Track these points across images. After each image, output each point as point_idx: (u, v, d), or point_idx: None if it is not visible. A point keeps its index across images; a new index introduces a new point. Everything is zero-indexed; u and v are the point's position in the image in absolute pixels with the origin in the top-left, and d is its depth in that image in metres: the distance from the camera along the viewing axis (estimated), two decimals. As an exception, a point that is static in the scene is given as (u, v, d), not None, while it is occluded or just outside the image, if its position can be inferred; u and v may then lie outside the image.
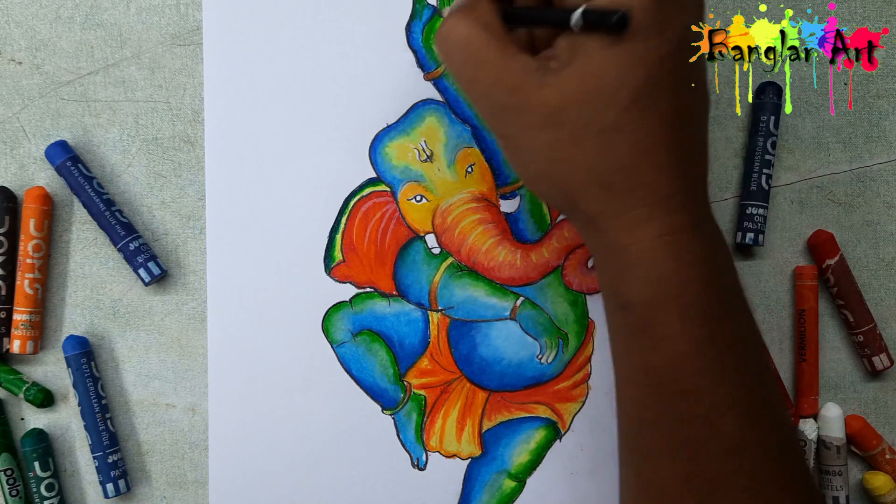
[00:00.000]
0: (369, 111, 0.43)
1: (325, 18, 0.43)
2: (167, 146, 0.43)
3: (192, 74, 0.43)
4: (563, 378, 0.43)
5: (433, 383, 0.43)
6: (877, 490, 0.43)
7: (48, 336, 0.43)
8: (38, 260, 0.42)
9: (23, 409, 0.43)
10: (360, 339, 0.43)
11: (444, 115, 0.43)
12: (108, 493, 0.42)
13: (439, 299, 0.43)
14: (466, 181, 0.43)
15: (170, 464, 0.43)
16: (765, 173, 0.43)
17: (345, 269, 0.43)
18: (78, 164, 0.42)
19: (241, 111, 0.43)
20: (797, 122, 0.44)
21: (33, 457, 0.41)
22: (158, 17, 0.43)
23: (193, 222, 0.43)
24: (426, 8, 0.43)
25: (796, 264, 0.44)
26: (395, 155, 0.43)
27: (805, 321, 0.43)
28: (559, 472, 0.43)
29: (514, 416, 0.43)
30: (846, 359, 0.45)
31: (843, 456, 0.43)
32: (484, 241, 0.43)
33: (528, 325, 0.43)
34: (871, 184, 0.45)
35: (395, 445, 0.43)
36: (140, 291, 0.43)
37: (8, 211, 0.42)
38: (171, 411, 0.43)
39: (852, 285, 0.43)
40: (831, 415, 0.43)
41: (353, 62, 0.43)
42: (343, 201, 0.43)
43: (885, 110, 0.44)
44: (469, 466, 0.43)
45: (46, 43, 0.43)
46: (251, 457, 0.43)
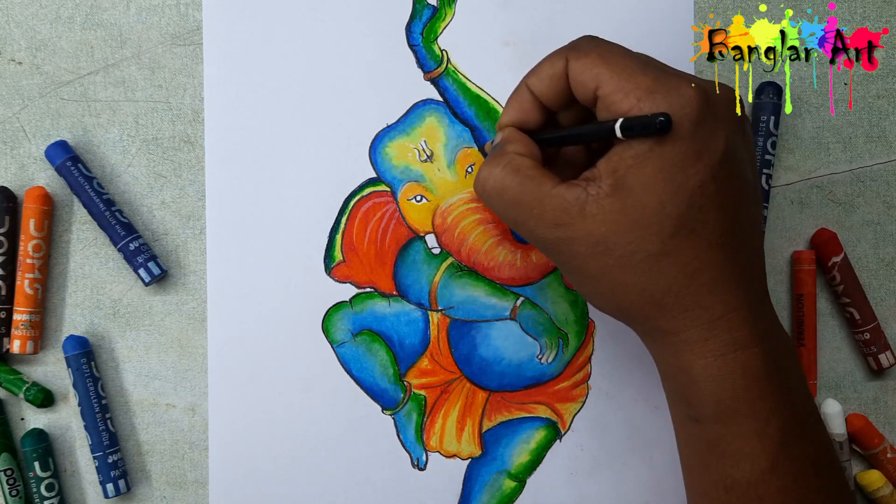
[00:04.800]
0: (369, 111, 0.43)
1: (324, 18, 0.43)
2: (167, 146, 0.43)
3: (192, 74, 0.43)
4: (563, 378, 0.43)
5: (433, 383, 0.43)
6: (870, 486, 0.44)
7: (48, 336, 0.43)
8: (38, 260, 0.42)
9: (23, 409, 0.43)
10: (360, 339, 0.43)
11: (444, 115, 0.43)
12: (108, 493, 0.42)
13: (439, 299, 0.43)
14: (466, 181, 0.43)
15: (170, 464, 0.43)
16: (765, 173, 0.43)
17: (345, 269, 0.43)
18: (78, 164, 0.42)
19: (241, 111, 0.43)
20: (797, 122, 0.44)
21: (33, 457, 0.41)
22: (158, 17, 0.43)
23: (193, 222, 0.43)
24: (426, 8, 0.43)
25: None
26: (395, 155, 0.43)
27: (803, 306, 0.43)
28: (559, 472, 0.43)
29: (514, 416, 0.43)
30: (847, 359, 0.45)
31: (846, 452, 0.43)
32: (484, 241, 0.43)
33: (528, 325, 0.43)
34: (871, 184, 0.45)
35: (395, 445, 0.43)
36: (140, 291, 0.43)
37: (8, 211, 0.42)
38: (171, 411, 0.43)
39: (857, 283, 0.44)
40: (831, 411, 0.43)
41: (353, 62, 0.43)
42: (343, 201, 0.43)
43: (885, 110, 0.45)
44: (469, 466, 0.43)
45: (46, 43, 0.43)
46: (251, 457, 0.43)
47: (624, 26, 0.43)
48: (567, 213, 0.32)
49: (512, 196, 0.33)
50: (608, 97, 0.32)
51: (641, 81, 0.31)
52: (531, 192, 0.33)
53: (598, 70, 0.32)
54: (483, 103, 0.43)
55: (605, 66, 0.32)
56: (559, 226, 0.32)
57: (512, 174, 0.33)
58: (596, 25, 0.43)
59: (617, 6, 0.43)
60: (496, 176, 0.34)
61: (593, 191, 0.32)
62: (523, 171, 0.33)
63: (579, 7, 0.43)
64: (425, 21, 0.43)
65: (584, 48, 0.33)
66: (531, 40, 0.43)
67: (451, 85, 0.43)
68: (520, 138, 0.35)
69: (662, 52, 0.43)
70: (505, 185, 0.33)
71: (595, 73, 0.32)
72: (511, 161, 0.34)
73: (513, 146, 0.34)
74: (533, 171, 0.33)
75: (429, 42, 0.43)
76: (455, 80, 0.43)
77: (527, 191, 0.33)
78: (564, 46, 0.34)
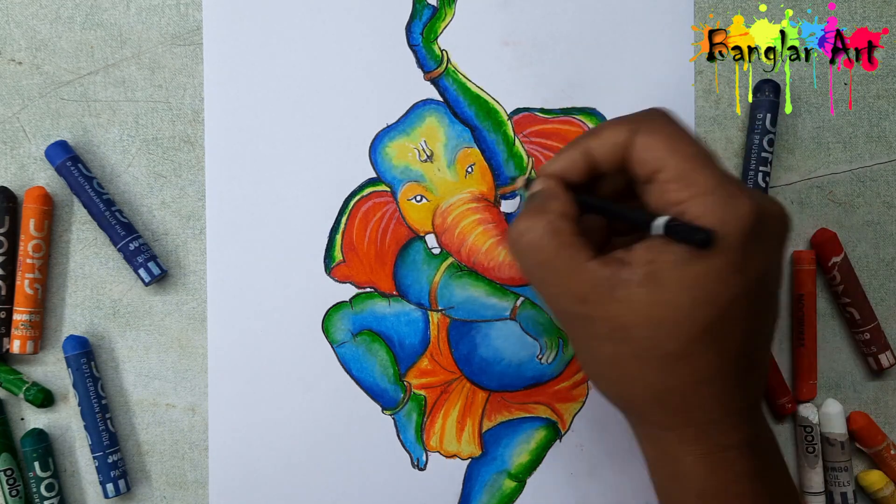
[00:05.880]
0: (369, 111, 0.43)
1: (324, 18, 0.43)
2: (167, 146, 0.43)
3: (192, 74, 0.43)
4: (563, 378, 0.43)
5: (433, 383, 0.43)
6: (871, 486, 0.44)
7: (48, 336, 0.43)
8: (38, 260, 0.42)
9: (23, 409, 0.43)
10: (360, 339, 0.43)
11: (444, 115, 0.43)
12: (108, 493, 0.42)
13: (439, 299, 0.43)
14: (466, 181, 0.43)
15: (170, 464, 0.43)
16: (762, 171, 0.43)
17: (345, 269, 0.43)
18: (78, 164, 0.42)
19: (241, 111, 0.43)
20: (797, 122, 0.44)
21: (33, 457, 0.41)
22: (158, 17, 0.43)
23: (193, 222, 0.43)
24: (426, 8, 0.43)
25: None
26: (395, 155, 0.43)
27: (803, 305, 0.43)
28: (559, 472, 0.43)
29: (514, 416, 0.43)
30: (847, 359, 0.45)
31: (847, 451, 0.43)
32: (484, 241, 0.43)
33: (528, 325, 0.43)
34: (871, 184, 0.44)
35: (395, 445, 0.43)
36: (140, 291, 0.43)
37: (8, 211, 0.42)
38: (171, 411, 0.43)
39: (857, 283, 0.44)
40: (832, 411, 0.43)
41: (353, 62, 0.43)
42: (343, 201, 0.43)
43: (885, 110, 0.44)
44: (469, 466, 0.43)
45: (46, 43, 0.43)
46: (251, 457, 0.43)
47: (624, 26, 0.43)
48: (595, 291, 0.31)
49: (545, 258, 0.32)
50: (666, 184, 0.31)
51: (702, 179, 0.31)
52: (566, 260, 0.32)
53: (662, 154, 0.31)
54: (483, 103, 0.43)
55: (670, 152, 0.31)
56: (584, 301, 0.31)
57: (551, 236, 0.32)
58: (596, 25, 0.43)
59: (617, 6, 0.43)
60: (535, 233, 0.32)
61: (626, 275, 0.31)
62: (563, 237, 0.32)
63: (579, 7, 0.43)
64: (425, 21, 0.43)
65: (655, 125, 0.32)
66: (531, 40, 0.43)
67: (451, 85, 0.43)
68: (564, 197, 0.34)
69: (662, 52, 0.43)
70: (542, 246, 0.32)
71: (658, 156, 0.32)
72: (552, 222, 0.32)
73: (556, 204, 0.33)
74: (572, 238, 0.32)
75: (429, 42, 0.43)
76: (455, 80, 0.43)
77: (562, 257, 0.32)
78: (633, 115, 0.34)
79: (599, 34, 0.43)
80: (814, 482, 0.43)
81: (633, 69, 0.43)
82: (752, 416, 0.33)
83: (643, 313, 0.30)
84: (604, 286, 0.31)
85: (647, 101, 0.43)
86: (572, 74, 0.43)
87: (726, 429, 0.32)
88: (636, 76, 0.43)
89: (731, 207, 0.30)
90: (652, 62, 0.43)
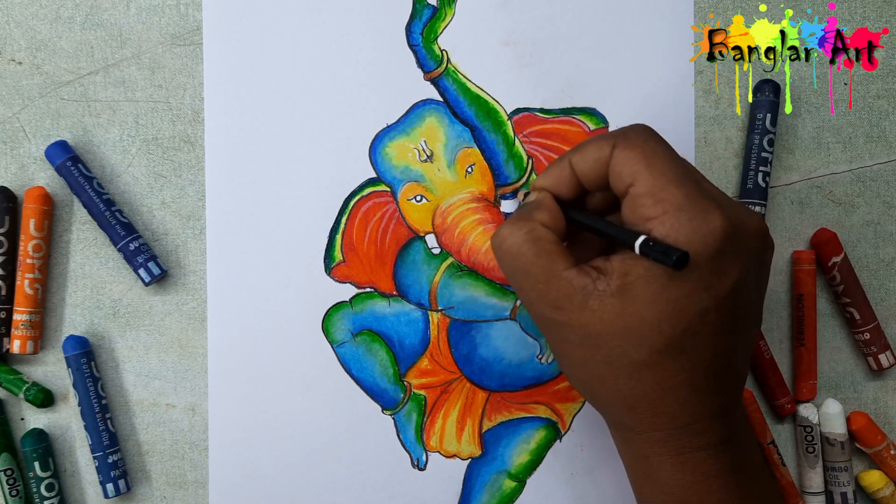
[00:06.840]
0: (369, 111, 0.43)
1: (324, 18, 0.43)
2: (167, 146, 0.43)
3: (192, 74, 0.43)
4: (563, 378, 0.43)
5: (433, 383, 0.43)
6: (871, 486, 0.44)
7: (48, 336, 0.43)
8: (38, 260, 0.42)
9: (23, 409, 0.43)
10: (360, 339, 0.43)
11: (444, 115, 0.43)
12: (108, 493, 0.42)
13: (439, 299, 0.43)
14: (466, 181, 0.43)
15: (170, 464, 0.43)
16: (761, 171, 0.43)
17: (345, 269, 0.43)
18: (78, 164, 0.42)
19: (241, 111, 0.43)
20: (797, 122, 0.44)
21: (33, 457, 0.41)
22: (158, 17, 0.43)
23: (193, 222, 0.43)
24: (426, 8, 0.43)
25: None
26: (395, 155, 0.43)
27: (803, 305, 0.43)
28: (559, 472, 0.43)
29: (514, 416, 0.43)
30: (846, 359, 0.45)
31: (847, 451, 0.43)
32: (484, 241, 0.43)
33: (528, 325, 0.43)
34: (871, 184, 0.44)
35: (395, 445, 0.43)
36: (140, 291, 0.43)
37: (8, 211, 0.42)
38: (171, 411, 0.43)
39: (857, 283, 0.44)
40: (832, 411, 0.43)
41: (353, 62, 0.43)
42: (343, 201, 0.43)
43: (885, 110, 0.44)
44: (469, 466, 0.43)
45: (46, 43, 0.43)
46: (251, 457, 0.43)
47: (624, 26, 0.43)
48: (569, 300, 0.32)
49: (523, 264, 0.33)
50: (638, 198, 0.32)
51: (674, 194, 0.31)
52: (543, 266, 0.33)
53: (637, 168, 0.32)
54: (483, 103, 0.43)
55: (645, 166, 0.32)
56: (558, 308, 0.32)
57: (530, 243, 0.33)
58: (596, 25, 0.43)
59: (617, 6, 0.43)
60: (515, 239, 0.33)
61: (601, 286, 0.32)
62: (542, 244, 0.33)
63: (579, 7, 0.43)
64: (425, 21, 0.43)
65: (633, 141, 0.33)
66: (531, 40, 0.43)
67: (451, 85, 0.43)
68: (550, 208, 0.35)
69: (662, 52, 0.43)
70: (521, 252, 0.33)
71: (633, 171, 0.32)
72: (533, 230, 0.34)
73: (540, 215, 0.34)
74: (551, 245, 0.33)
75: (429, 42, 0.43)
76: (455, 80, 0.43)
77: (539, 264, 0.33)
78: (616, 131, 0.34)
79: (599, 34, 0.43)
80: (814, 482, 0.43)
81: (633, 69, 0.43)
82: (726, 419, 0.33)
83: (612, 323, 0.31)
84: (578, 295, 0.32)
85: (647, 101, 0.43)
86: (572, 74, 0.43)
87: (696, 432, 0.33)
88: (636, 76, 0.43)
89: (700, 223, 0.30)
90: (652, 62, 0.43)
